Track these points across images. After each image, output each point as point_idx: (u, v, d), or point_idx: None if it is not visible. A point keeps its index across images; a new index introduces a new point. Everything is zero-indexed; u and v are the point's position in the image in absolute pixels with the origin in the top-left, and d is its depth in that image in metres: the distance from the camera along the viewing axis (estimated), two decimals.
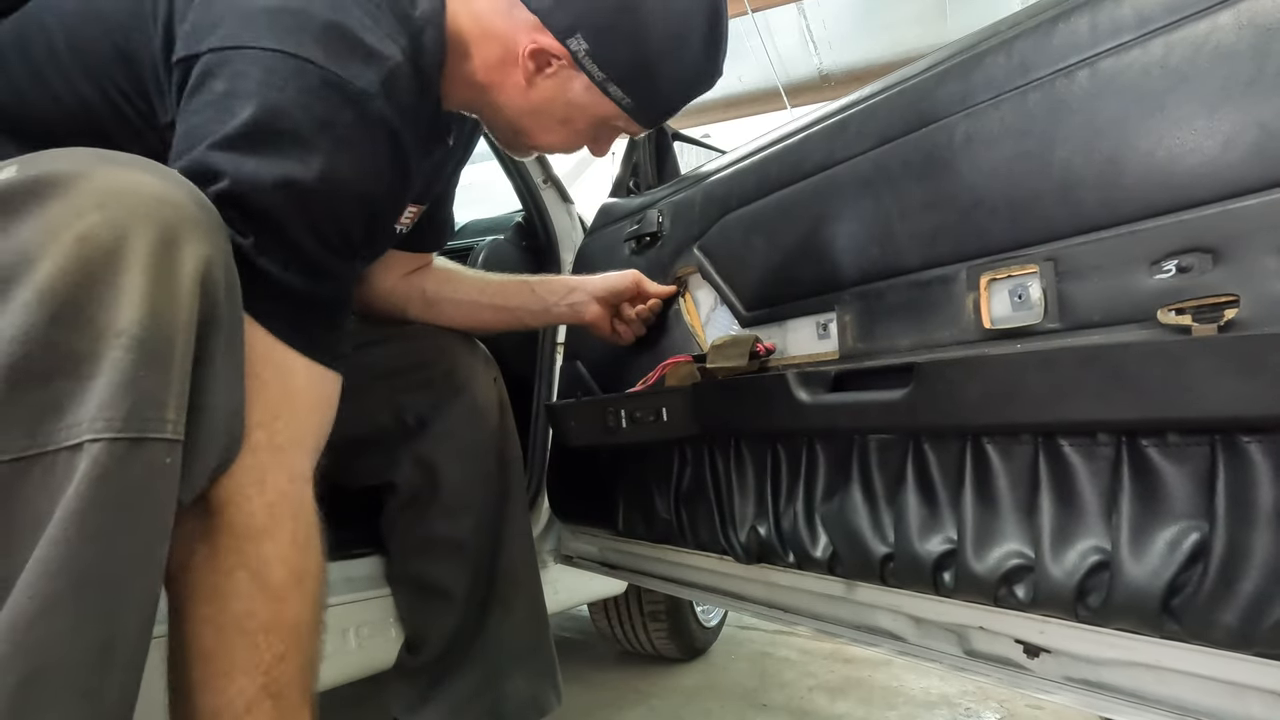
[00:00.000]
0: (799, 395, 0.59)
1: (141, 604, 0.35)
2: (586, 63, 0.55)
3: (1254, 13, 0.39)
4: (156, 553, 0.35)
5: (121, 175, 0.35)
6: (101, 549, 0.32)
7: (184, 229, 0.35)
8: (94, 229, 0.32)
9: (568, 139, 0.63)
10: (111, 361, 0.32)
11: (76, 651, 0.32)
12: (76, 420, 0.32)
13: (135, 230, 0.33)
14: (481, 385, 0.80)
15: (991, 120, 0.50)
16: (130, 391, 0.32)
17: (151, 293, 0.33)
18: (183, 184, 0.37)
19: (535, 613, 0.83)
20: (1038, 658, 0.51)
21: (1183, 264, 0.41)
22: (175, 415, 0.34)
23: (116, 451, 0.32)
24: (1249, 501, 0.37)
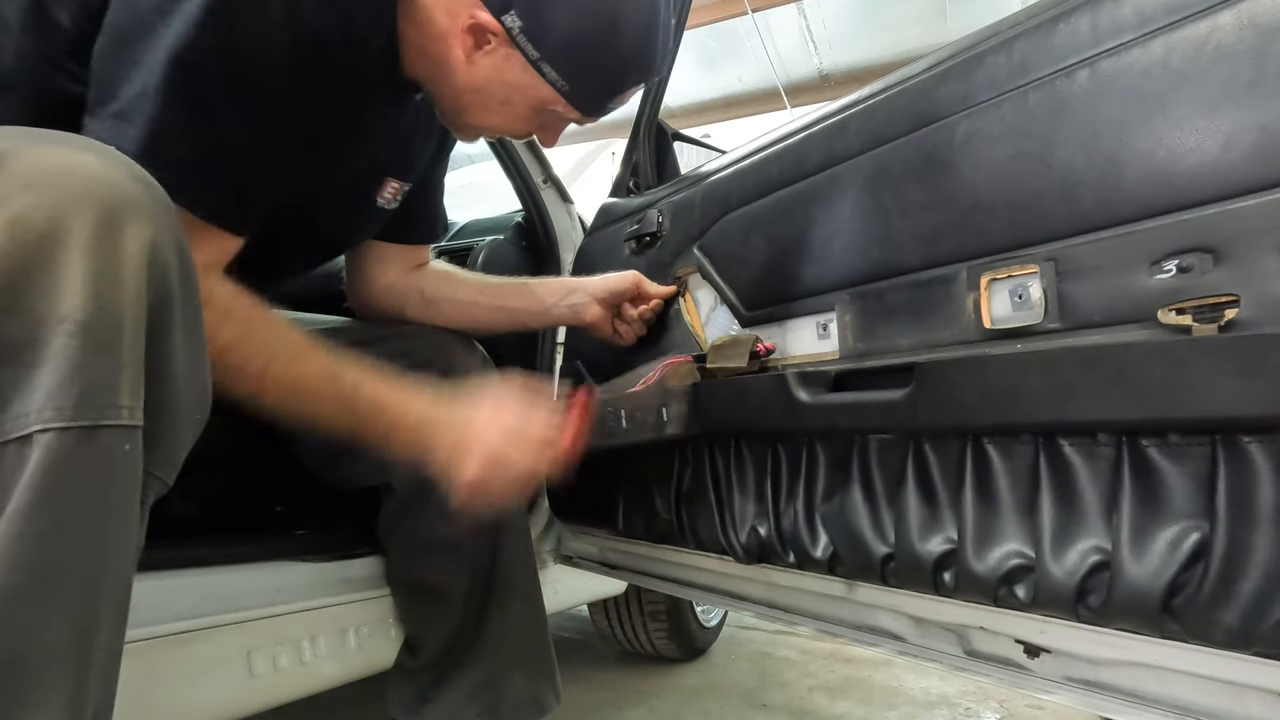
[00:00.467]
0: (799, 395, 0.59)
1: (115, 592, 0.35)
2: (521, 40, 0.55)
3: (1254, 13, 0.39)
4: (125, 540, 0.35)
5: (54, 154, 0.33)
6: (62, 540, 0.31)
7: (125, 210, 0.34)
8: (26, 211, 0.31)
9: (509, 122, 0.62)
10: (56, 349, 0.31)
11: (49, 645, 0.31)
12: (24, 410, 0.31)
13: (72, 212, 0.32)
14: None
15: (992, 120, 0.50)
16: (78, 379, 0.31)
17: (94, 277, 0.32)
18: (123, 162, 0.36)
19: (534, 613, 0.83)
20: (1038, 658, 0.51)
21: (1183, 264, 0.41)
22: (130, 401, 0.33)
23: (69, 441, 0.31)
24: (1249, 501, 0.37)
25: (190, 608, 0.66)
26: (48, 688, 0.31)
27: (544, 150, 1.16)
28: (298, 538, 0.81)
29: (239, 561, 0.72)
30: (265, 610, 0.71)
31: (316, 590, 0.76)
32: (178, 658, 0.64)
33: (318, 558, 0.78)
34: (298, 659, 0.73)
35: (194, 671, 0.65)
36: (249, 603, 0.70)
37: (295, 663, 0.73)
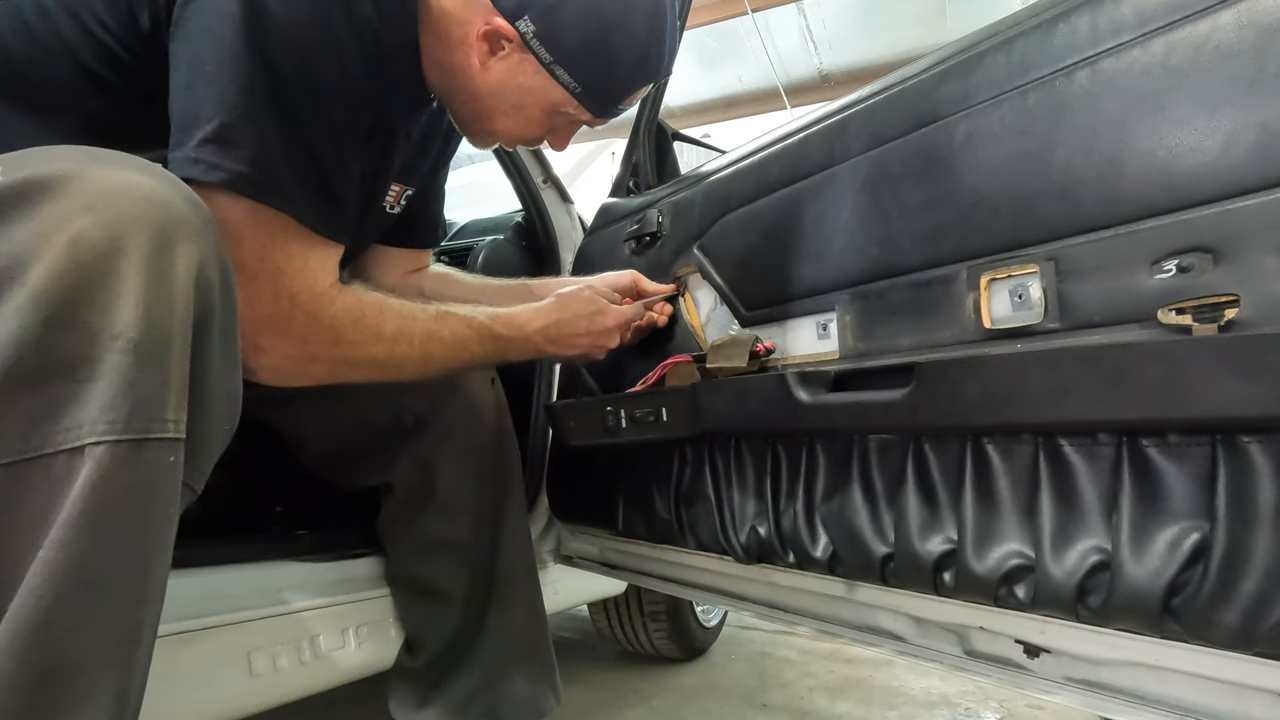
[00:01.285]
0: (799, 395, 0.59)
1: (153, 597, 0.36)
2: (534, 45, 0.57)
3: (1255, 12, 0.39)
4: (164, 548, 0.36)
5: (112, 175, 0.35)
6: (109, 549, 0.33)
7: (176, 230, 0.35)
8: (86, 232, 0.33)
9: (522, 126, 0.64)
10: (110, 365, 0.33)
11: (95, 646, 0.33)
12: (76, 423, 0.32)
13: (128, 233, 0.34)
14: (478, 386, 0.81)
15: (992, 120, 0.50)
16: (130, 394, 0.33)
17: (147, 295, 0.34)
18: (173, 183, 0.38)
19: (534, 614, 0.83)
20: (1038, 658, 0.51)
21: (1183, 264, 0.41)
22: (175, 415, 0.35)
23: (119, 453, 0.32)
24: (1249, 501, 0.37)
25: (190, 608, 0.66)
26: (96, 688, 0.33)
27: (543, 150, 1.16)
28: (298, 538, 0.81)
29: (239, 561, 0.72)
30: (265, 610, 0.71)
31: (316, 590, 0.76)
32: (178, 658, 0.64)
33: (318, 558, 0.78)
34: (298, 659, 0.73)
35: (194, 671, 0.65)
36: (249, 603, 0.70)
37: (295, 663, 0.73)
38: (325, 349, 0.56)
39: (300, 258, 0.53)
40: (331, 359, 0.57)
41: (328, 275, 0.55)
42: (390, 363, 0.60)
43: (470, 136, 0.69)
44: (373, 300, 0.59)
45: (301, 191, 0.52)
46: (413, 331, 0.60)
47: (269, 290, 0.52)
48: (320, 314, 0.55)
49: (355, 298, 0.57)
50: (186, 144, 0.48)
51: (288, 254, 0.52)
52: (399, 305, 0.60)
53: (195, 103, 0.48)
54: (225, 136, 0.48)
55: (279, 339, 0.53)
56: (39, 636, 0.30)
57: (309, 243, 0.53)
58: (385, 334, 0.58)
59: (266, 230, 0.51)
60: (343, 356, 0.57)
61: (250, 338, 0.52)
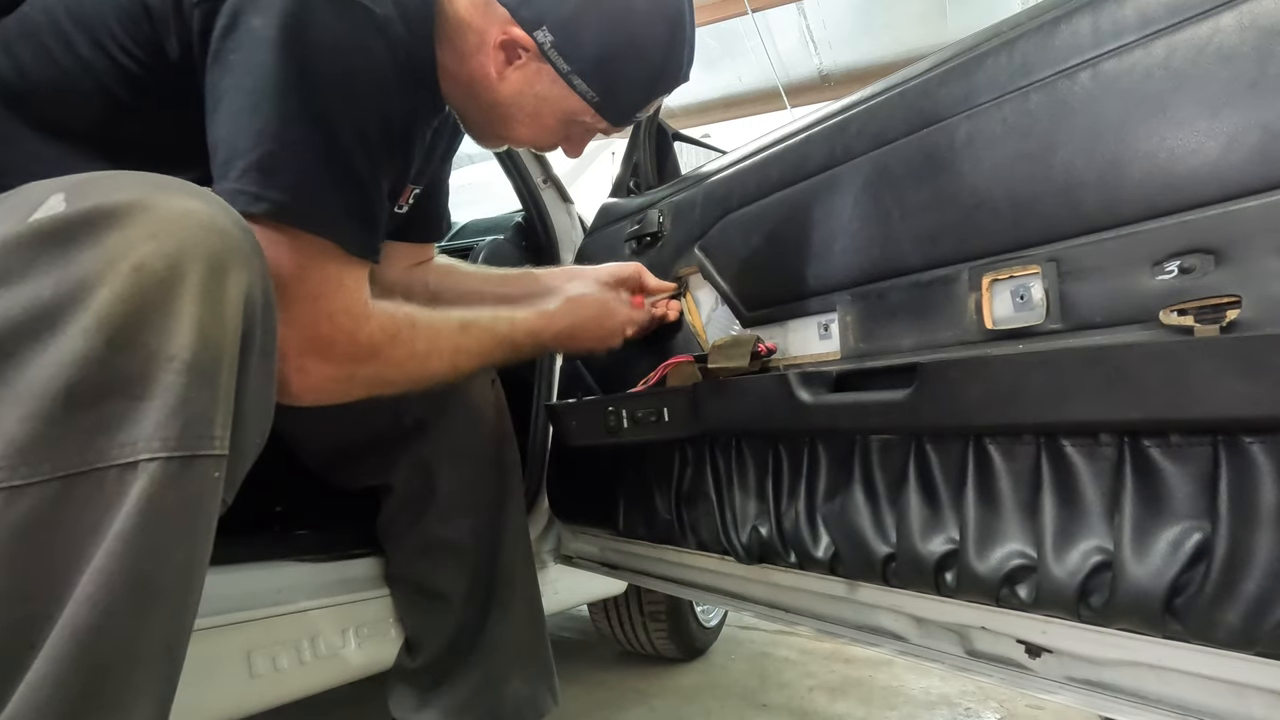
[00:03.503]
0: (801, 395, 0.59)
1: (193, 607, 0.38)
2: (552, 55, 0.57)
3: (1256, 14, 0.39)
4: (203, 558, 0.38)
5: (173, 204, 0.36)
6: (158, 559, 0.34)
7: (230, 257, 0.37)
8: (149, 259, 0.34)
9: (539, 134, 0.64)
10: (165, 385, 0.34)
11: (142, 653, 0.34)
12: (131, 439, 0.33)
13: (187, 259, 0.35)
14: (478, 386, 0.81)
15: (993, 121, 0.50)
16: (182, 412, 0.34)
17: (201, 319, 0.35)
18: (228, 210, 0.39)
19: (533, 615, 0.83)
20: (1039, 658, 0.51)
21: (1185, 265, 0.41)
22: (222, 432, 0.37)
23: (171, 469, 0.34)
24: (1251, 502, 0.37)
25: None
26: (141, 693, 0.34)
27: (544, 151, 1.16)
28: (298, 538, 0.81)
29: (239, 561, 0.72)
30: (265, 610, 0.71)
31: (316, 590, 0.76)
32: None
33: (318, 558, 0.78)
34: (298, 659, 0.73)
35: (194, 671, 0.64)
36: (249, 603, 0.70)
37: (295, 663, 0.73)
38: (364, 368, 0.56)
39: (337, 279, 0.53)
40: (370, 379, 0.57)
41: (364, 294, 0.56)
42: (423, 378, 0.61)
43: (482, 141, 0.69)
44: (404, 317, 0.59)
45: (342, 216, 0.52)
46: (443, 347, 0.61)
47: (308, 312, 0.52)
48: (359, 334, 0.55)
49: (389, 316, 0.58)
50: (229, 174, 0.49)
51: (325, 276, 0.52)
52: (426, 320, 0.61)
53: (238, 133, 0.49)
54: (266, 165, 0.48)
55: (321, 361, 0.54)
56: (91, 642, 0.32)
57: (345, 263, 0.53)
58: (419, 351, 0.59)
59: (305, 254, 0.51)
60: (380, 376, 0.58)
61: (293, 361, 0.52)
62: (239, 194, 0.48)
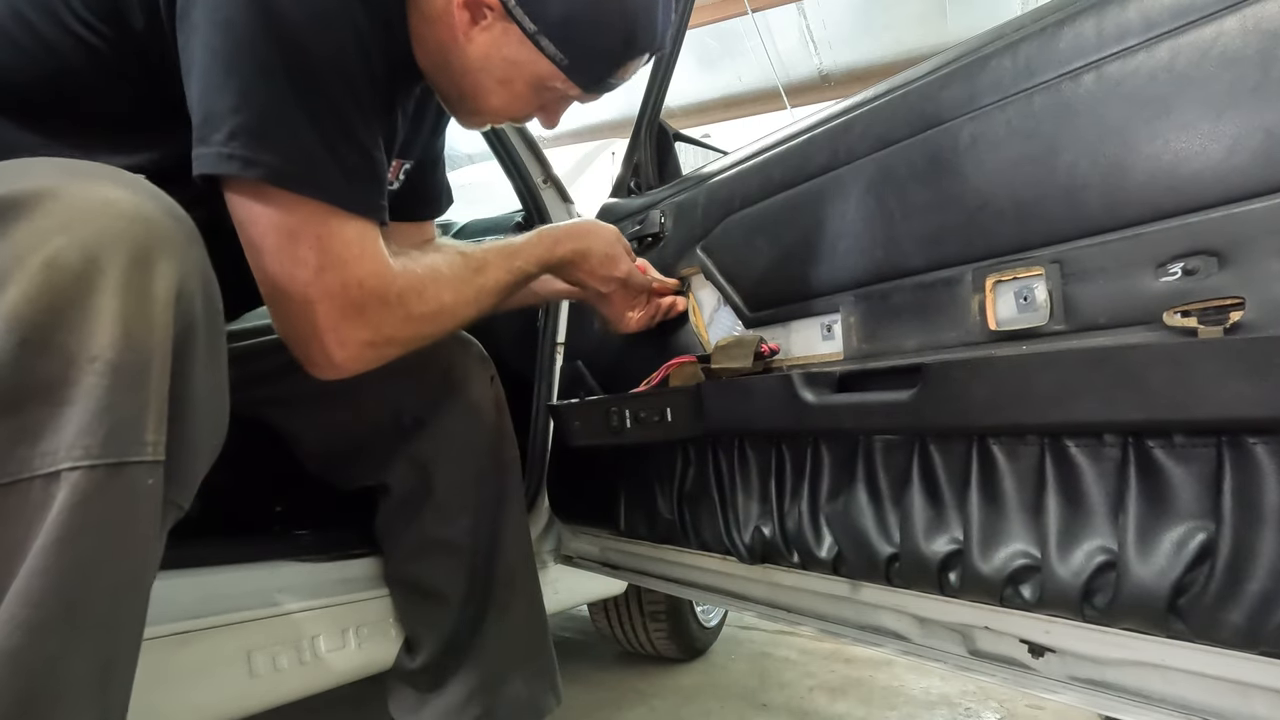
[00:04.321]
0: (805, 396, 0.59)
1: (133, 623, 0.35)
2: (517, 13, 0.55)
3: (1260, 18, 0.39)
4: (144, 571, 0.35)
5: (90, 192, 0.34)
6: (87, 575, 0.32)
7: (156, 246, 0.34)
8: (62, 253, 0.32)
9: (510, 102, 0.62)
10: (86, 388, 0.32)
11: (74, 675, 0.32)
12: (52, 448, 0.31)
13: (106, 252, 0.33)
14: (477, 384, 0.80)
15: (997, 123, 0.50)
16: (107, 417, 0.32)
17: (125, 316, 0.33)
18: (155, 196, 0.36)
19: (534, 615, 0.82)
20: (1042, 657, 0.51)
21: (1188, 267, 0.41)
22: (154, 437, 0.34)
23: (96, 478, 0.32)
24: (1255, 502, 0.37)
25: (190, 608, 0.66)
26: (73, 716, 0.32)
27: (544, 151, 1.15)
28: (298, 538, 0.81)
29: (239, 561, 0.72)
30: (265, 610, 0.71)
31: (316, 590, 0.76)
32: (178, 658, 0.64)
33: (318, 558, 0.78)
34: (298, 659, 0.73)
35: (194, 671, 0.65)
36: (249, 603, 0.70)
37: (295, 663, 0.73)
38: (398, 329, 0.56)
39: (358, 243, 0.52)
40: (405, 338, 0.57)
41: (385, 254, 0.54)
42: (453, 327, 0.61)
43: (458, 116, 0.67)
44: (426, 270, 0.58)
45: (343, 176, 0.50)
46: (467, 294, 0.61)
47: (337, 281, 0.50)
48: (389, 295, 0.54)
49: (413, 273, 0.57)
50: (212, 137, 0.46)
51: (345, 241, 0.50)
52: (447, 269, 0.61)
53: (216, 94, 0.46)
54: (253, 128, 0.46)
55: (358, 327, 0.52)
56: (16, 666, 0.30)
57: (361, 226, 0.52)
58: (446, 303, 0.59)
59: (319, 220, 0.49)
60: (414, 334, 0.57)
61: (331, 334, 0.51)
62: (230, 159, 0.46)
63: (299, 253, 0.48)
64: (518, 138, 1.10)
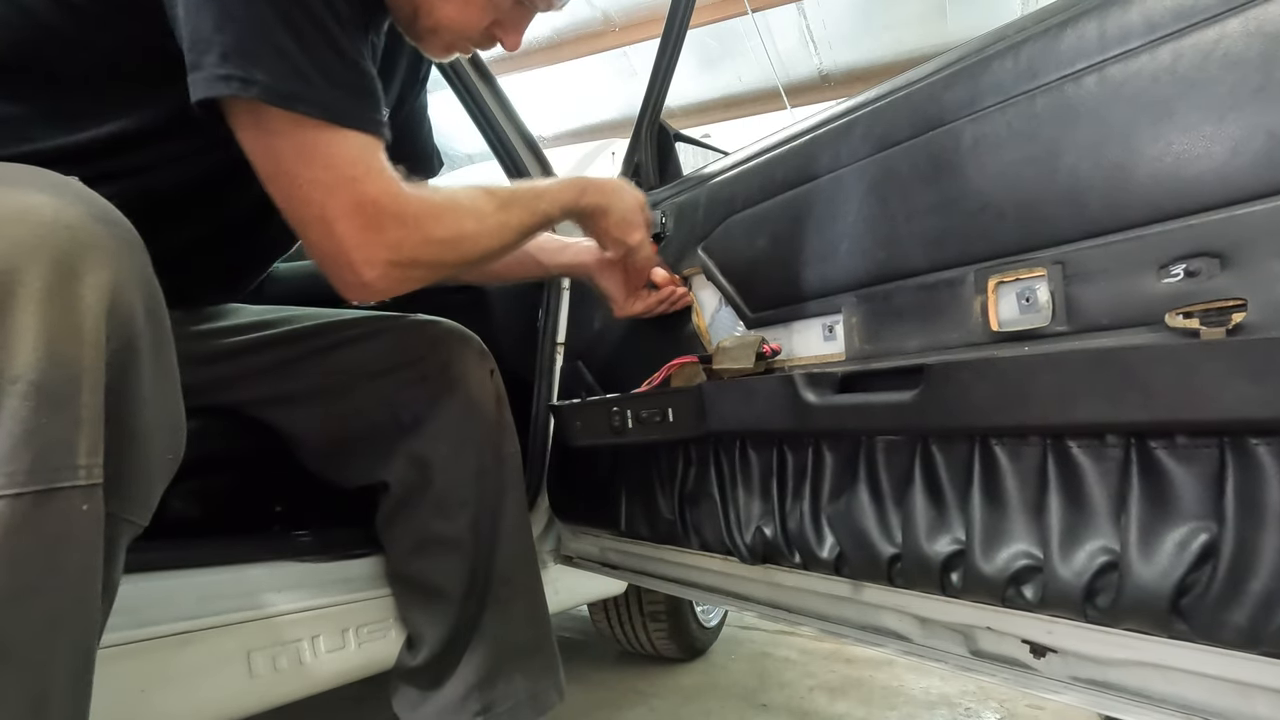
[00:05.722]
0: (807, 396, 0.59)
1: (74, 653, 0.33)
2: None
3: (1262, 20, 0.39)
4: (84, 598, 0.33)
5: (7, 200, 0.31)
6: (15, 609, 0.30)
7: (82, 255, 0.32)
8: None
9: (463, 10, 0.59)
10: (8, 411, 0.30)
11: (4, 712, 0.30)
12: None
13: (24, 264, 0.30)
14: (477, 379, 0.79)
15: (999, 124, 0.50)
16: (32, 442, 0.30)
17: (48, 331, 0.31)
18: (81, 198, 0.34)
19: (535, 610, 0.82)
20: (1044, 658, 0.51)
21: (1190, 268, 0.41)
22: (88, 459, 0.32)
23: (22, 507, 0.30)
24: (1257, 503, 0.38)
25: (190, 608, 0.66)
26: None
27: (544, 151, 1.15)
28: (298, 538, 0.80)
29: (239, 561, 0.72)
30: (265, 610, 0.71)
31: (316, 590, 0.76)
32: (178, 658, 0.64)
33: (318, 558, 0.78)
34: (298, 659, 0.73)
35: (194, 671, 0.65)
36: (249, 603, 0.70)
37: (295, 663, 0.72)
38: (419, 250, 0.54)
39: (364, 162, 0.50)
40: (429, 260, 0.55)
41: (390, 172, 0.53)
42: (474, 258, 0.59)
43: (419, 42, 0.64)
44: (443, 198, 0.57)
45: (342, 93, 0.49)
46: (489, 226, 0.60)
47: (349, 200, 0.49)
48: (404, 214, 0.52)
49: (427, 199, 0.55)
50: (204, 61, 0.45)
51: (353, 160, 0.49)
52: (467, 200, 0.59)
53: (201, 19, 0.45)
54: (243, 47, 0.44)
55: (378, 245, 0.50)
56: None
57: (362, 141, 0.50)
58: (468, 230, 0.58)
59: (322, 139, 0.47)
60: (437, 258, 0.56)
61: (355, 250, 0.49)
62: (226, 79, 0.44)
63: (312, 174, 0.47)
64: (517, 138, 1.10)
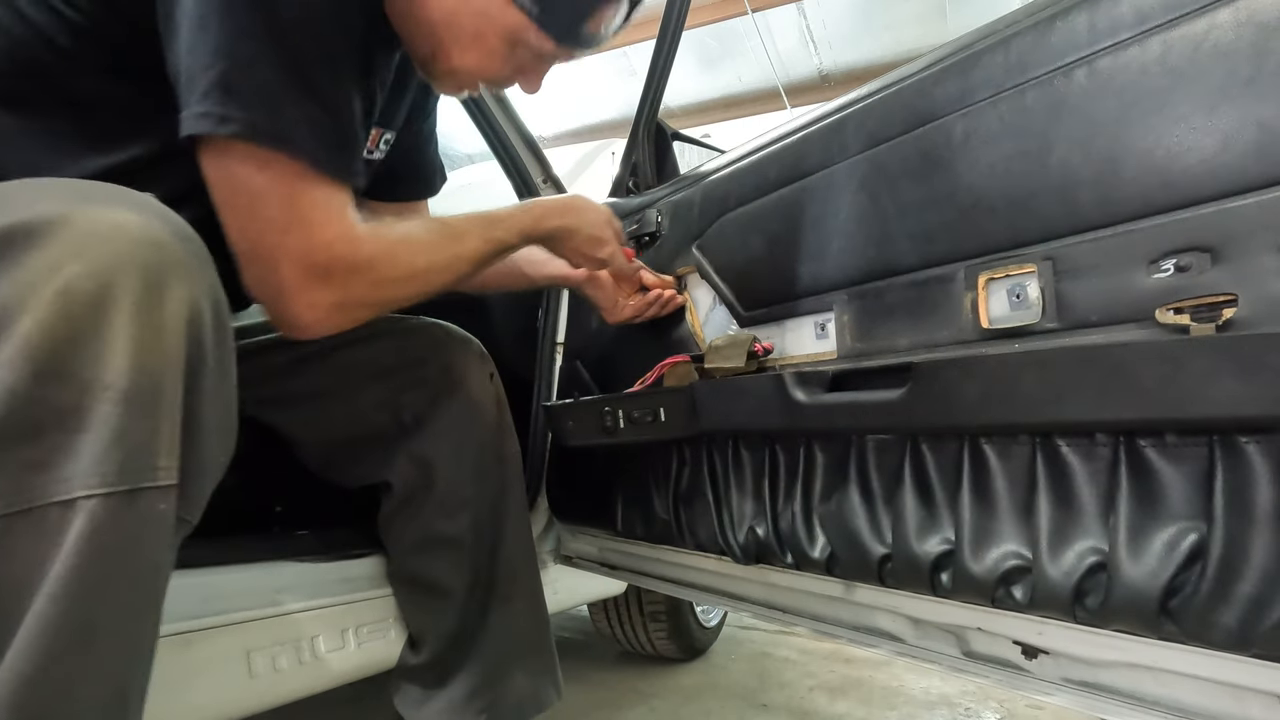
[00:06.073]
0: (796, 395, 0.59)
1: (146, 645, 0.36)
2: None
3: (1252, 10, 0.39)
4: (156, 593, 0.36)
5: (101, 217, 0.34)
6: (101, 601, 0.32)
7: (168, 271, 0.35)
8: (75, 281, 0.32)
9: (485, 59, 0.60)
10: (101, 416, 0.32)
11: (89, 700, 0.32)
12: (67, 476, 0.32)
13: (118, 279, 0.33)
14: (477, 380, 0.80)
15: (989, 119, 0.50)
16: (121, 445, 0.32)
17: (137, 342, 0.33)
18: (165, 218, 0.36)
19: (535, 609, 0.83)
20: (1036, 659, 0.51)
21: (1181, 263, 0.40)
22: (167, 462, 0.34)
23: (111, 506, 0.32)
24: (1247, 502, 0.37)
25: (190, 608, 0.66)
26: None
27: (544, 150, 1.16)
28: (298, 538, 0.81)
29: (239, 561, 0.72)
30: (265, 610, 0.71)
31: (316, 590, 0.76)
32: (178, 658, 0.64)
33: (318, 558, 0.78)
34: (297, 659, 0.73)
35: (194, 672, 0.65)
36: (249, 603, 0.70)
37: (295, 663, 0.73)
38: (368, 292, 0.55)
39: (325, 206, 0.51)
40: (376, 301, 0.56)
41: (352, 218, 0.54)
42: (426, 292, 0.60)
43: (434, 80, 0.65)
44: (399, 236, 0.57)
45: (316, 136, 0.49)
46: (441, 260, 0.60)
47: (304, 242, 0.49)
48: (358, 259, 0.53)
49: (384, 238, 0.56)
50: (190, 99, 0.46)
51: (313, 202, 0.49)
52: (421, 235, 0.60)
53: (193, 55, 0.46)
54: (228, 84, 0.45)
55: (324, 290, 0.51)
56: (32, 693, 0.30)
57: (331, 189, 0.51)
58: (419, 268, 0.58)
59: (288, 180, 0.48)
60: (385, 298, 0.57)
61: (300, 296, 0.50)
62: (203, 116, 0.45)
63: (267, 211, 0.48)
64: (517, 138, 1.11)
